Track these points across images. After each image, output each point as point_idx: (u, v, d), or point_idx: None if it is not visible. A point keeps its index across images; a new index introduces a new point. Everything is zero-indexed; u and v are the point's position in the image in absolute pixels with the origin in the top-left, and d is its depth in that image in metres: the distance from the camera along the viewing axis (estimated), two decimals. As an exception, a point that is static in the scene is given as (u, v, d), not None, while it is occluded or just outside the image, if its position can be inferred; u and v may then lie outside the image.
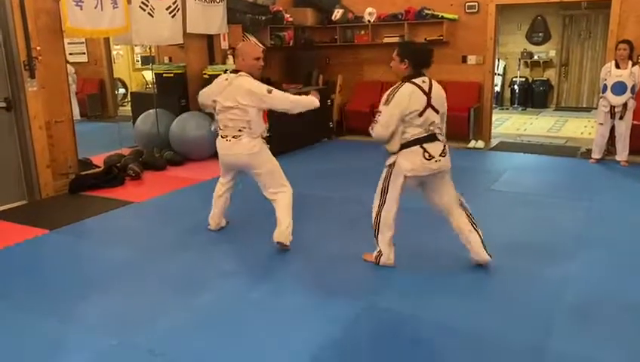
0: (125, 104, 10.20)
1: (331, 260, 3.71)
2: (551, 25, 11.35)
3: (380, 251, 3.50)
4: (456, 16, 7.70)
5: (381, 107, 3.24)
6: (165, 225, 4.48)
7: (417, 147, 3.23)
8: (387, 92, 3.27)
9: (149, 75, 9.14)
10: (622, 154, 6.27)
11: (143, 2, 5.98)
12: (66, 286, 3.40)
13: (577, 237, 4.07)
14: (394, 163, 3.33)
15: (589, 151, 6.69)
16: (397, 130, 3.23)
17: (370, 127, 3.32)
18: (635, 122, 6.20)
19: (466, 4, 7.62)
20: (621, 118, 6.16)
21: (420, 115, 3.18)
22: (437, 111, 3.25)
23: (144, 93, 8.80)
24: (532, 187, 5.47)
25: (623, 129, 6.20)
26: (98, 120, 9.38)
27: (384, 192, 3.42)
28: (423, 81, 3.23)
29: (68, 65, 5.96)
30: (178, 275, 3.54)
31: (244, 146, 3.84)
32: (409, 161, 3.25)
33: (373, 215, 3.50)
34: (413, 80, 3.22)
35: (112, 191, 5.43)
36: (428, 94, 3.20)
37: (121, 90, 10.78)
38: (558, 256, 3.72)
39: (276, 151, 6.82)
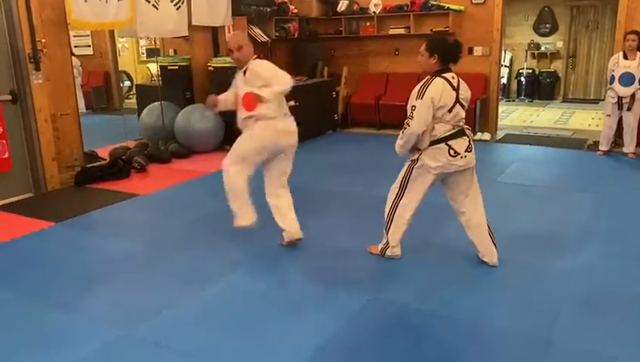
0: (130, 97, 10.21)
1: (337, 252, 3.70)
2: (558, 16, 11.25)
3: (386, 243, 3.48)
4: (462, 8, 7.64)
5: (414, 102, 3.14)
6: (171, 217, 4.48)
7: (443, 144, 3.17)
8: (417, 87, 3.19)
9: (154, 68, 9.13)
10: (630, 146, 6.22)
11: (147, -6, 5.97)
12: (71, 277, 3.41)
13: (584, 229, 4.05)
14: (417, 159, 3.26)
15: (596, 144, 6.64)
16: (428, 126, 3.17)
17: (404, 127, 3.21)
18: (642, 114, 6.15)
19: (473, -5, 7.55)
20: (629, 109, 6.11)
21: (450, 110, 3.14)
22: (463, 107, 3.22)
23: (149, 86, 8.79)
24: (538, 179, 5.44)
25: (631, 120, 6.14)
26: (103, 112, 9.39)
27: (402, 187, 3.37)
28: (452, 77, 3.18)
29: (73, 58, 5.97)
30: (184, 267, 3.55)
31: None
32: (435, 159, 3.19)
33: (387, 207, 3.44)
34: (444, 75, 3.16)
35: (117, 184, 5.44)
36: (457, 90, 3.17)
37: (127, 83, 10.78)
38: (564, 248, 3.70)
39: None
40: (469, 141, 3.25)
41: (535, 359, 2.51)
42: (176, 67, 7.12)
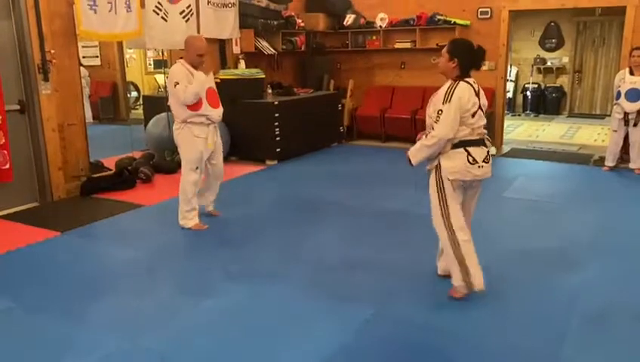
0: (137, 107, 10.25)
1: (341, 265, 3.69)
2: (564, 31, 11.27)
3: (469, 284, 3.11)
4: (468, 22, 7.67)
5: (441, 106, 2.98)
6: (175, 228, 4.48)
7: (461, 149, 3.02)
8: (441, 91, 3.04)
9: (161, 79, 9.18)
10: (636, 161, 6.19)
11: (156, 6, 6.02)
12: (76, 288, 3.41)
13: (590, 245, 4.02)
14: (438, 165, 3.07)
15: (602, 159, 6.62)
16: None
17: (427, 133, 3.05)
18: (649, 129, 6.13)
19: (479, 10, 7.59)
20: (635, 125, 6.09)
21: (473, 115, 3.02)
22: (484, 114, 3.10)
23: (156, 97, 8.82)
24: (544, 194, 5.41)
25: (637, 136, 6.12)
26: (110, 123, 9.44)
27: (443, 202, 3.08)
28: (474, 82, 3.07)
29: (81, 69, 6.00)
30: (188, 278, 3.55)
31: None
32: (453, 162, 3.02)
33: (449, 249, 3.10)
34: (466, 80, 3.04)
35: (123, 194, 5.46)
36: (478, 96, 3.06)
37: (134, 94, 10.84)
38: (570, 264, 3.67)
39: (286, 155, 6.93)
40: (488, 152, 3.12)
41: (541, 376, 2.48)
42: (183, 78, 7.14)
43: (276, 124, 6.75)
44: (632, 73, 6.09)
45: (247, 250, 3.98)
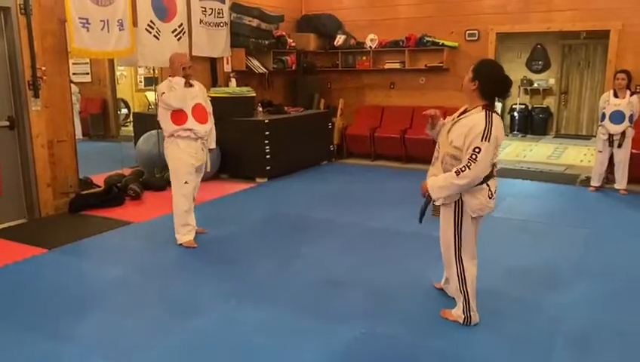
0: (127, 124, 10.25)
1: (330, 283, 3.69)
2: (551, 54, 11.49)
3: (469, 316, 3.08)
4: (456, 44, 7.80)
5: (480, 143, 2.72)
6: (164, 245, 4.47)
7: (484, 185, 2.87)
8: (478, 124, 2.76)
9: (151, 96, 9.21)
10: (621, 182, 6.29)
11: (149, 25, 6.07)
12: (63, 305, 3.38)
13: (576, 264, 4.06)
14: (460, 201, 2.90)
15: (588, 179, 6.71)
16: None
17: (461, 170, 2.76)
18: (633, 151, 6.24)
19: (467, 32, 7.73)
20: (619, 146, 6.20)
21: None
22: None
23: (146, 114, 8.83)
24: (532, 214, 5.47)
25: (622, 157, 6.23)
26: (100, 139, 9.42)
27: (458, 236, 2.97)
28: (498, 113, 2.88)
29: (72, 85, 6.02)
30: (177, 296, 3.53)
31: None
32: (477, 199, 2.87)
33: (457, 281, 3.06)
34: (495, 110, 2.85)
35: (112, 211, 5.43)
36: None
37: (124, 111, 10.85)
38: (557, 283, 3.71)
39: (276, 173, 6.95)
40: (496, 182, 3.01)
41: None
42: (174, 96, 7.17)
43: (266, 142, 6.78)
44: (616, 95, 6.21)
45: (235, 269, 3.97)
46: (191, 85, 4.34)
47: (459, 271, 3.05)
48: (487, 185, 2.89)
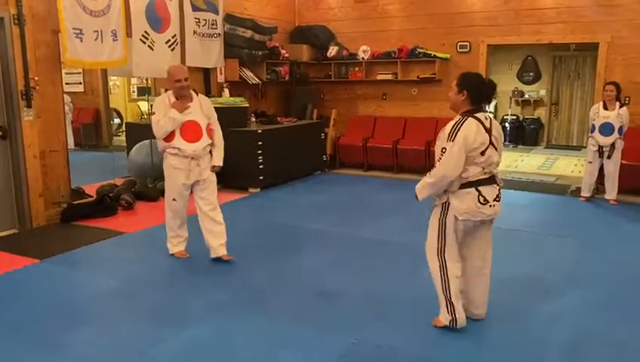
0: (120, 134, 10.23)
1: (323, 293, 3.70)
2: (541, 65, 11.61)
3: (454, 319, 3.10)
4: (448, 56, 7.88)
5: (445, 143, 2.89)
6: (156, 256, 4.46)
7: (473, 189, 2.93)
8: (447, 128, 2.94)
9: (144, 106, 9.21)
10: (611, 193, 6.34)
11: (144, 35, 6.09)
12: (54, 316, 3.36)
13: (567, 274, 4.09)
14: (447, 202, 2.99)
15: (578, 190, 6.76)
16: None
17: (431, 170, 2.96)
18: (623, 161, 6.30)
19: (458, 44, 7.81)
20: (609, 157, 6.25)
21: (482, 153, 2.91)
22: (496, 150, 2.99)
23: (139, 124, 8.85)
24: (523, 224, 5.50)
25: (611, 168, 6.28)
26: (92, 149, 9.39)
27: (442, 239, 3.05)
28: (486, 118, 2.97)
29: (64, 95, 6.01)
30: (168, 307, 3.52)
31: None
32: (463, 203, 2.94)
33: (438, 282, 3.10)
34: (476, 115, 2.94)
35: (103, 221, 5.42)
36: (490, 131, 2.94)
37: (116, 121, 10.82)
38: (547, 292, 3.73)
39: (269, 183, 6.96)
40: (499, 190, 3.04)
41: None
42: (167, 106, 7.17)
43: (259, 152, 6.80)
44: (605, 107, 6.28)
45: (228, 279, 3.97)
46: (191, 100, 4.16)
47: (441, 273, 3.08)
48: (478, 190, 2.94)
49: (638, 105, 6.75)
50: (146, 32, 6.11)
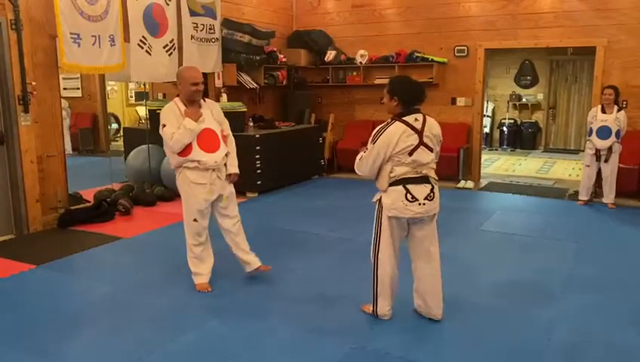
0: (117, 139, 10.23)
1: (320, 298, 3.69)
2: (539, 69, 11.65)
3: (375, 306, 3.31)
4: (445, 60, 7.89)
5: (369, 144, 3.08)
6: (153, 261, 4.45)
7: (400, 187, 3.05)
8: (376, 129, 3.10)
9: (142, 111, 9.20)
10: (609, 196, 6.35)
11: (141, 40, 6.09)
12: (51, 322, 3.34)
13: (565, 278, 4.09)
14: (380, 200, 3.18)
15: (576, 193, 6.77)
16: (384, 168, 3.07)
17: (357, 161, 3.19)
18: (620, 165, 6.31)
19: (456, 48, 7.83)
20: (606, 161, 6.26)
21: (410, 153, 3.01)
22: (431, 150, 3.08)
23: (137, 129, 8.84)
24: (521, 228, 5.51)
25: (609, 172, 6.29)
26: (90, 154, 9.38)
27: (377, 240, 3.22)
28: (416, 119, 3.04)
29: (62, 100, 6.00)
30: (166, 312, 3.50)
31: None
32: (390, 200, 3.09)
33: (371, 273, 3.29)
34: (404, 118, 3.03)
35: (101, 227, 5.40)
36: (420, 132, 3.01)
37: (114, 125, 10.83)
38: (546, 296, 3.73)
39: (267, 188, 6.95)
40: (432, 189, 3.09)
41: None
42: (165, 111, 7.17)
43: (257, 156, 6.79)
44: (603, 111, 6.29)
45: (225, 284, 3.95)
46: (200, 106, 3.73)
47: (373, 271, 3.26)
48: (405, 188, 3.05)
49: (636, 109, 6.77)
50: (143, 36, 6.11)
